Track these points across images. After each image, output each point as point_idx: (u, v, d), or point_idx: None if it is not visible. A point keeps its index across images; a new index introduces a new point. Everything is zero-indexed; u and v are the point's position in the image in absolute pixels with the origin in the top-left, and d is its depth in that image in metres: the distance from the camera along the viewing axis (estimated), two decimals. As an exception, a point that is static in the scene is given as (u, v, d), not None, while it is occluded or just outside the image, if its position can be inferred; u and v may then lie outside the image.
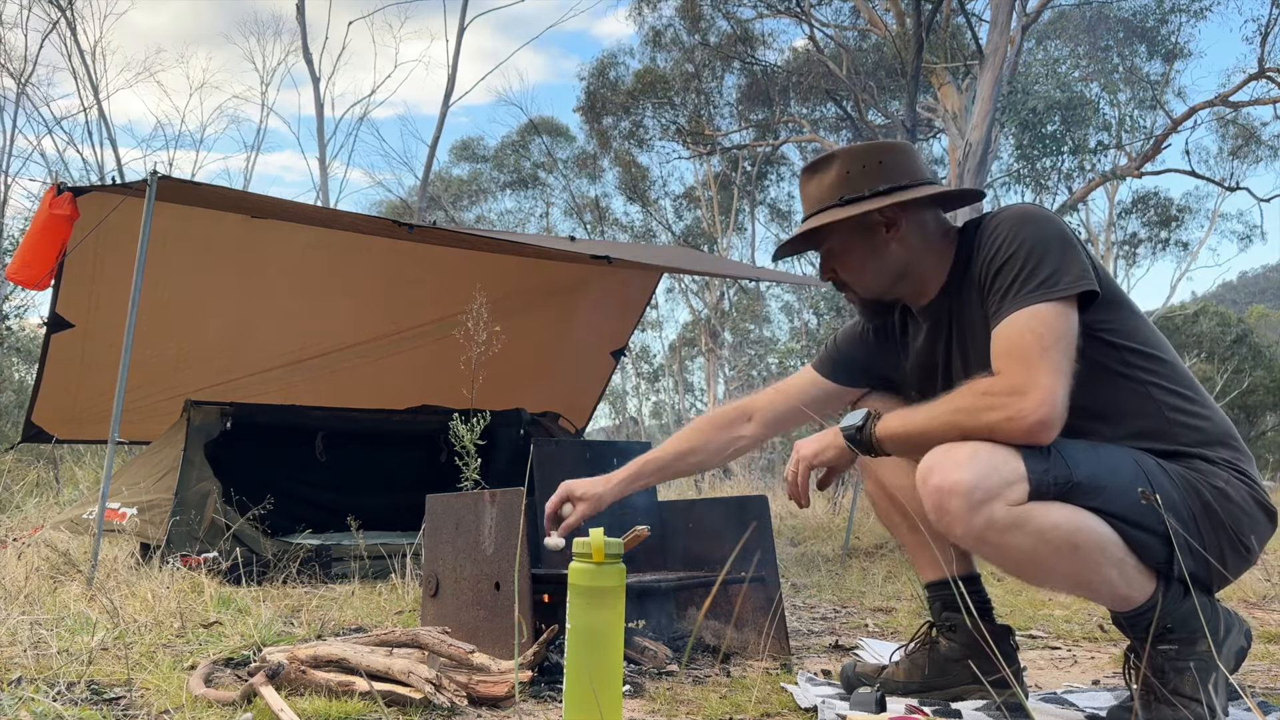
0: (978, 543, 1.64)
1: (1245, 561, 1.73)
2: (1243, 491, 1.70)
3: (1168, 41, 16.28)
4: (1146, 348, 1.76)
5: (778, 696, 2.12)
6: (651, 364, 26.12)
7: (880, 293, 1.93)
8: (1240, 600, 3.61)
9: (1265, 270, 50.49)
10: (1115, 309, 1.74)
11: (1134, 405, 1.74)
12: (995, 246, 1.73)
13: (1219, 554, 1.68)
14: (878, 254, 1.87)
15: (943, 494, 1.61)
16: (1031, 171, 12.78)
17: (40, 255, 4.18)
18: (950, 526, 1.63)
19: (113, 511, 4.53)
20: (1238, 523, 1.68)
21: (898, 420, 1.76)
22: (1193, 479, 1.68)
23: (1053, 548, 1.61)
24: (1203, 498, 1.67)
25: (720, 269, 10.33)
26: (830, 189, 1.87)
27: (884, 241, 1.86)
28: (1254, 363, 21.98)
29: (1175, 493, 1.66)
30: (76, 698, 1.95)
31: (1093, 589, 1.68)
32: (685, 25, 18.46)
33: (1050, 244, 1.68)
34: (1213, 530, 1.67)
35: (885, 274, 1.89)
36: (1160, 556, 1.65)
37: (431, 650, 2.06)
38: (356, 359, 5.99)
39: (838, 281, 1.93)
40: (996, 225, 1.76)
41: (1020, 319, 1.64)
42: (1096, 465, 1.64)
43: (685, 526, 2.91)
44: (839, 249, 1.91)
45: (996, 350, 1.66)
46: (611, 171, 23.59)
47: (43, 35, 20.10)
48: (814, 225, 1.87)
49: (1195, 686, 1.64)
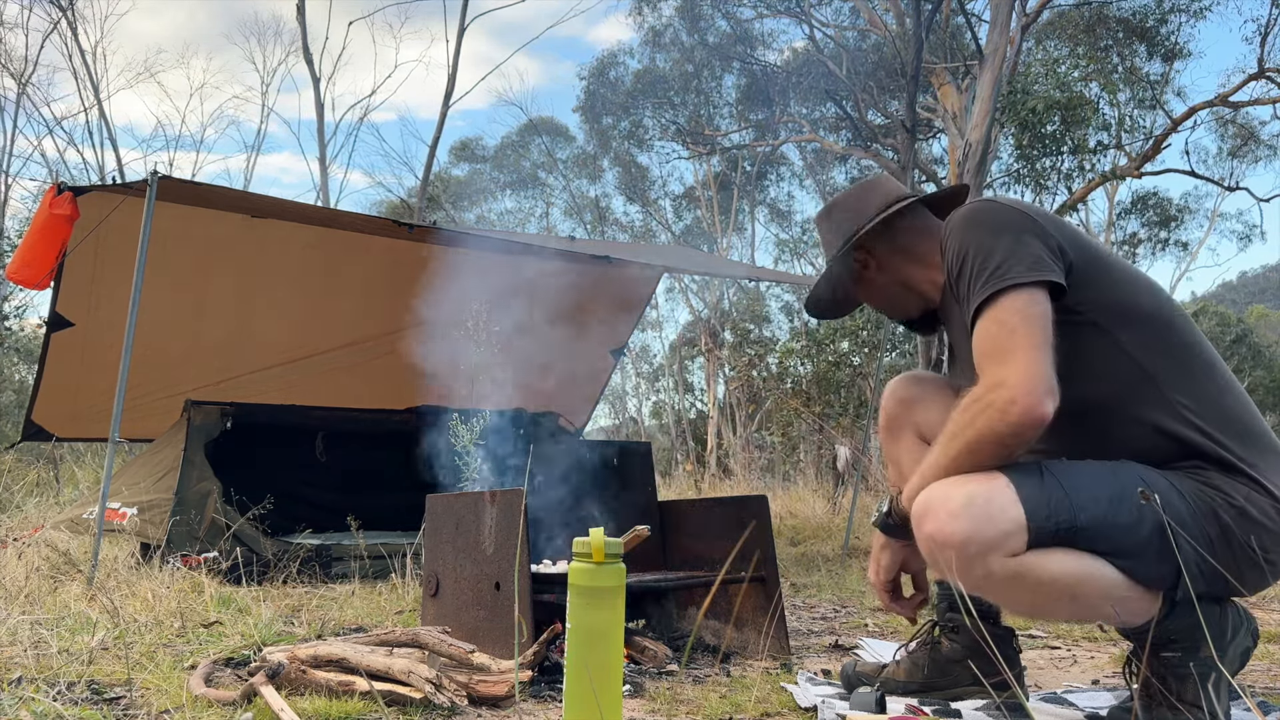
0: (976, 590, 1.60)
1: (1265, 579, 1.66)
2: (1264, 505, 1.61)
3: (1167, 41, 16.26)
4: (1143, 326, 1.69)
5: (778, 696, 2.12)
6: (651, 364, 26.13)
7: (904, 315, 2.03)
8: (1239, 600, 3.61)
9: (1265, 270, 50.46)
10: (1092, 286, 1.67)
11: (1123, 386, 1.67)
12: (950, 257, 1.74)
13: (1236, 574, 1.61)
14: (876, 289, 2.00)
15: (936, 545, 1.56)
16: (1031, 171, 12.77)
17: (40, 255, 4.18)
18: (946, 574, 1.59)
19: (113, 511, 4.53)
20: (1260, 541, 1.60)
21: (917, 482, 1.66)
22: (1209, 499, 1.60)
23: (1051, 598, 1.58)
24: (1220, 520, 1.59)
25: (720, 269, 10.33)
26: (832, 234, 2.01)
27: (871, 277, 1.99)
28: (1254, 363, 21.98)
29: (1187, 514, 1.58)
30: (76, 697, 1.95)
31: (1094, 620, 1.68)
32: (685, 25, 18.46)
33: (995, 238, 1.65)
34: (1229, 551, 1.60)
35: (891, 300, 2.01)
36: (1169, 583, 1.58)
37: (432, 650, 2.06)
38: (356, 358, 5.99)
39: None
40: (949, 233, 1.77)
41: (985, 318, 1.62)
42: (1100, 503, 1.56)
43: (685, 526, 2.91)
44: (857, 296, 2.06)
45: (974, 357, 1.64)
46: (611, 171, 23.61)
47: (43, 35, 20.10)
48: (820, 294, 2.06)
49: (1198, 692, 1.62)
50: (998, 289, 1.61)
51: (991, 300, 1.61)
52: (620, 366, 15.51)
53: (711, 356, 19.53)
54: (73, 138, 34.72)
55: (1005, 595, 1.61)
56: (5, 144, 19.50)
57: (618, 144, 22.00)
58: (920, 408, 2.00)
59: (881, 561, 1.83)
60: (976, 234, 1.69)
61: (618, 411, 26.34)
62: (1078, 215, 19.94)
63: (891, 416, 2.05)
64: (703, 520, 2.86)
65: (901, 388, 2.07)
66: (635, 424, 25.70)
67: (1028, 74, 12.30)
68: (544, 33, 37.39)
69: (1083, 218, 21.09)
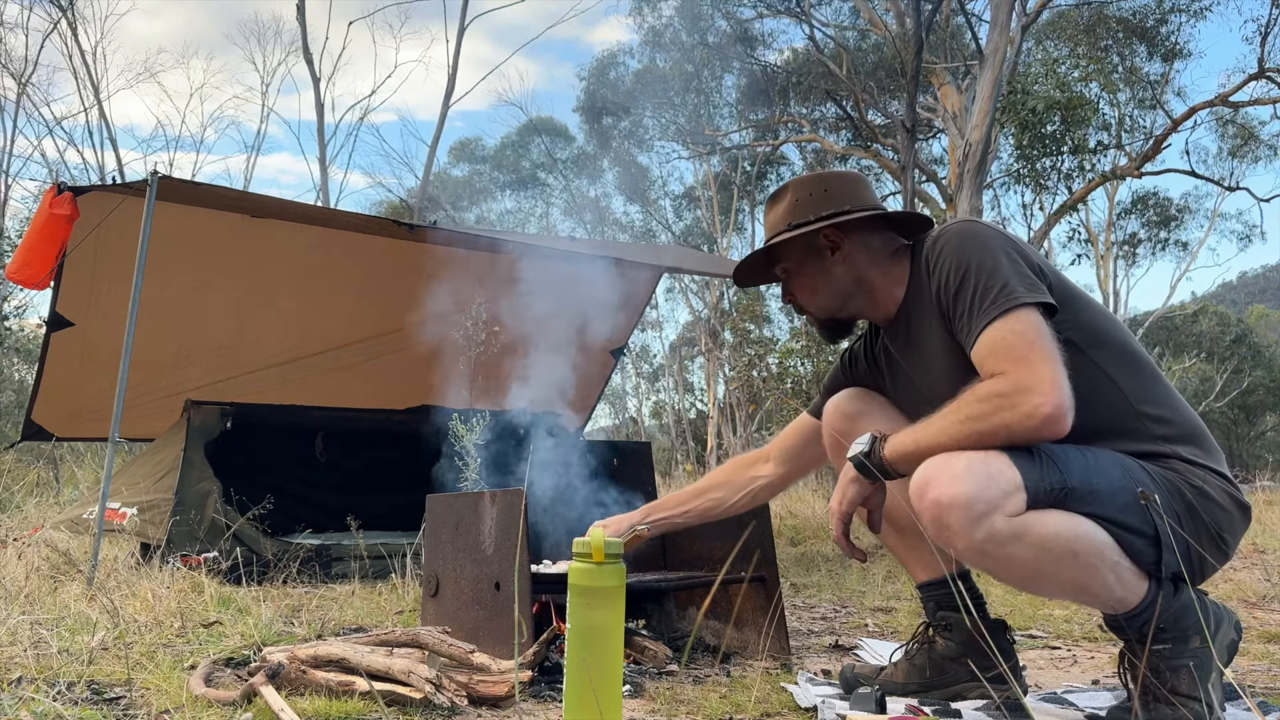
0: (979, 556, 1.63)
1: (1224, 557, 1.77)
2: (1220, 489, 1.73)
3: (1167, 41, 16.28)
4: (1107, 344, 1.79)
5: (778, 696, 2.12)
6: (651, 364, 26.14)
7: (833, 311, 2.01)
8: (1240, 600, 3.62)
9: (1265, 270, 50.55)
10: (1067, 308, 1.76)
11: (1103, 400, 1.75)
12: (946, 271, 1.78)
13: (1199, 552, 1.71)
14: (827, 274, 1.97)
15: (942, 508, 1.60)
16: (1031, 171, 12.80)
17: (40, 255, 4.18)
18: (951, 540, 1.62)
19: (113, 511, 4.53)
20: (1217, 520, 1.72)
21: (909, 438, 1.72)
22: (1174, 479, 1.70)
23: (1054, 556, 1.61)
24: (1185, 498, 1.70)
25: (720, 269, 10.32)
26: (782, 216, 1.99)
27: (831, 263, 1.97)
28: (1254, 363, 22.02)
29: (1160, 494, 1.68)
30: (76, 698, 1.95)
31: (1091, 593, 1.69)
32: (685, 25, 18.46)
33: (998, 258, 1.73)
34: (1194, 529, 1.70)
35: (835, 293, 1.98)
36: (1149, 558, 1.66)
37: (431, 650, 2.06)
38: (356, 358, 5.99)
39: (795, 304, 2.03)
40: (942, 247, 1.81)
41: (996, 327, 1.67)
42: (1086, 470, 1.65)
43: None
44: (793, 270, 2.01)
45: (984, 359, 1.68)
46: (611, 171, 23.61)
47: (43, 36, 20.11)
48: (765, 247, 2.00)
49: (1192, 684, 1.66)
50: (1010, 306, 1.67)
51: (1003, 315, 1.67)
52: (620, 366, 15.51)
53: (711, 356, 19.54)
54: (73, 138, 34.80)
55: (1007, 556, 1.62)
56: (5, 144, 19.54)
57: (618, 144, 22.01)
58: (865, 422, 2.02)
59: (847, 493, 1.84)
60: (979, 252, 1.75)
61: (618, 411, 26.36)
62: (1078, 215, 19.96)
63: (840, 432, 2.06)
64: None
65: (846, 403, 2.09)
66: (635, 424, 25.70)
67: (1028, 74, 12.31)
68: (543, 33, 37.40)
69: (1083, 218, 21.10)
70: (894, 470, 1.76)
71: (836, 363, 2.21)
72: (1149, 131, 16.68)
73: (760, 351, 12.77)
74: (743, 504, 2.25)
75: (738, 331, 18.44)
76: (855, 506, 1.84)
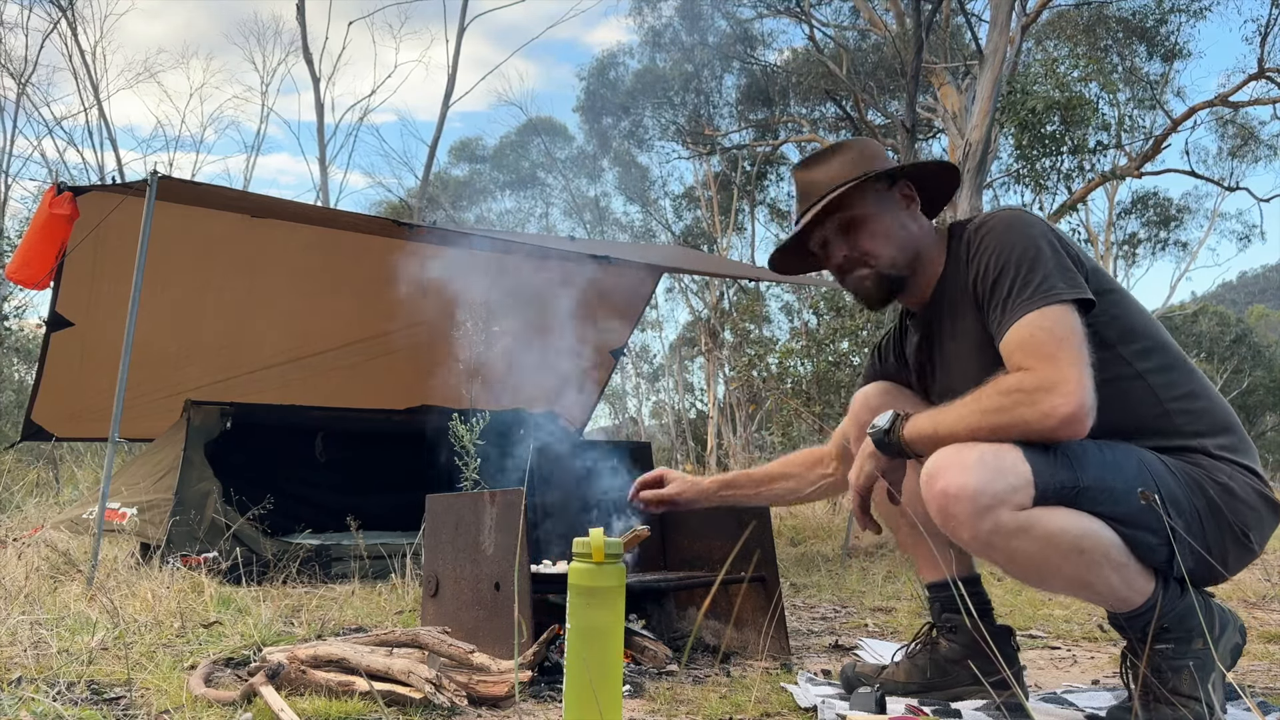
0: (984, 547, 1.64)
1: (1249, 554, 1.75)
2: (1246, 486, 1.71)
3: (1167, 41, 16.28)
4: (1139, 338, 1.78)
5: (778, 696, 2.12)
6: (651, 364, 26.13)
7: (901, 268, 1.91)
8: (1240, 600, 3.61)
9: (1265, 270, 50.55)
10: (1103, 300, 1.74)
11: (1132, 396, 1.75)
12: (987, 258, 1.76)
13: (1221, 550, 1.69)
14: (902, 225, 1.91)
15: (949, 498, 1.61)
16: (1031, 171, 12.78)
17: (40, 255, 4.18)
18: (956, 531, 1.63)
19: (113, 511, 4.53)
20: (1242, 518, 1.70)
21: (928, 421, 1.72)
22: (1197, 476, 1.69)
23: (1059, 552, 1.61)
24: (1207, 494, 1.68)
25: (720, 269, 10.32)
26: (849, 167, 1.90)
27: (905, 216, 1.92)
28: (1253, 363, 21.98)
29: (1180, 490, 1.67)
30: (76, 698, 1.95)
31: (1094, 591, 1.68)
32: (685, 25, 18.47)
33: (1041, 249, 1.71)
34: (1217, 527, 1.68)
35: (908, 248, 1.91)
36: (1161, 557, 1.66)
37: (431, 650, 2.06)
38: (356, 358, 5.98)
39: (856, 257, 1.91)
40: (985, 234, 1.79)
41: (1028, 321, 1.66)
42: (1102, 468, 1.64)
43: (685, 526, 2.91)
44: (863, 217, 1.90)
45: (1012, 352, 1.67)
46: (611, 171, 23.61)
47: (43, 36, 20.11)
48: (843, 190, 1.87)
49: (1193, 684, 1.66)
50: (1046, 301, 1.65)
51: (1038, 309, 1.65)
52: (620, 366, 15.50)
53: (711, 356, 19.53)
54: (72, 138, 34.82)
55: (1011, 549, 1.62)
56: (5, 144, 19.51)
57: (617, 144, 22.01)
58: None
59: (865, 468, 1.83)
60: (1022, 242, 1.73)
61: (618, 411, 26.35)
62: (1078, 215, 19.95)
63: (865, 425, 1.99)
64: (703, 520, 2.85)
65: (874, 396, 2.07)
66: (635, 424, 25.69)
67: (1027, 74, 12.30)
68: (543, 34, 37.30)
69: (1083, 218, 21.10)
70: (910, 450, 1.75)
71: (869, 358, 2.20)
72: (1149, 131, 16.68)
73: (760, 351, 12.75)
74: (812, 496, 2.27)
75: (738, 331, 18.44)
76: (873, 481, 1.84)
